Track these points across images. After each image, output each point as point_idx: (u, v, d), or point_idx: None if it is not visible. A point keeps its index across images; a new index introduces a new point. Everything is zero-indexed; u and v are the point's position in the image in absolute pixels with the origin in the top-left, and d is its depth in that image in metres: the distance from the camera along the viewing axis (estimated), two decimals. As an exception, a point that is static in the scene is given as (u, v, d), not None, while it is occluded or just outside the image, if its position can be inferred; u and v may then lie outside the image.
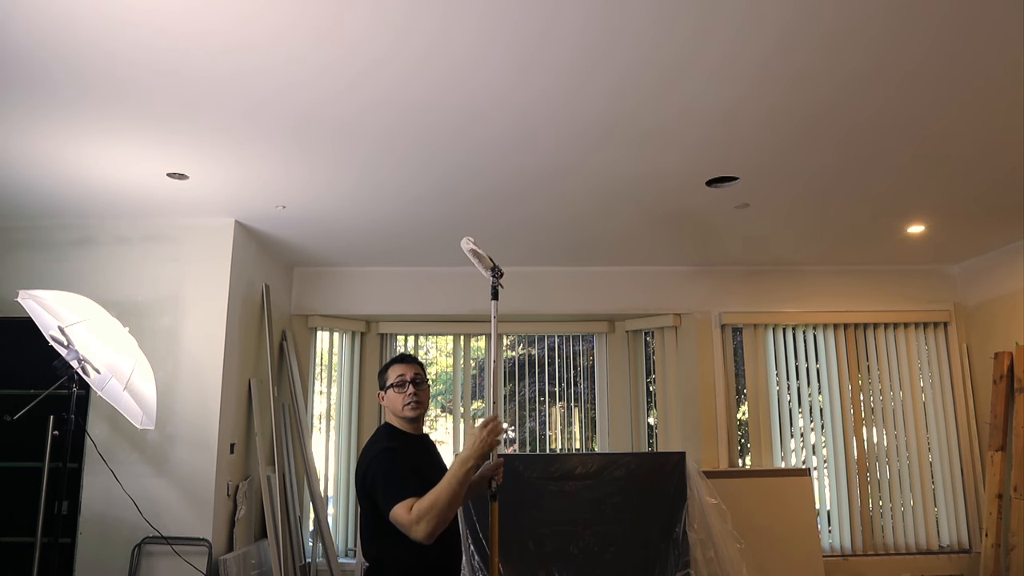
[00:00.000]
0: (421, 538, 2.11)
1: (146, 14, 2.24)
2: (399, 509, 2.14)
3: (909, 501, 5.45)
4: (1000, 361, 5.04)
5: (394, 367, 2.47)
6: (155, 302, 4.27)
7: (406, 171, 3.58)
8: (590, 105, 2.88)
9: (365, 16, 2.27)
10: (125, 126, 3.05)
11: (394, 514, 2.16)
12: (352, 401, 5.61)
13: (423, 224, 4.45)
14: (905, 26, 2.36)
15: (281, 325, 5.21)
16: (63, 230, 4.35)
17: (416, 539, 2.12)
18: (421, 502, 2.13)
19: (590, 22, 2.31)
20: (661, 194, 3.95)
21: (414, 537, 2.12)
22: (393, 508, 2.16)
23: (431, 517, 2.10)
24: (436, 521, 2.11)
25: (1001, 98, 2.87)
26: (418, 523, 2.10)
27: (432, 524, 2.10)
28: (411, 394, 2.40)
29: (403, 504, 2.14)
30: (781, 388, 5.59)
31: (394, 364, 2.48)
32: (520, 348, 6.11)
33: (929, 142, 3.29)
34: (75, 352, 3.26)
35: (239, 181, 3.72)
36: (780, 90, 2.78)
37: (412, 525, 2.11)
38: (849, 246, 5.07)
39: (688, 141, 3.25)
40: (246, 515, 4.45)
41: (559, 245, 4.96)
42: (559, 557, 4.46)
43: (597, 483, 4.61)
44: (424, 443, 2.49)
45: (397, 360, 2.50)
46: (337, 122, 3.02)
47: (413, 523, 2.11)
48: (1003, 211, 4.31)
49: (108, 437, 4.08)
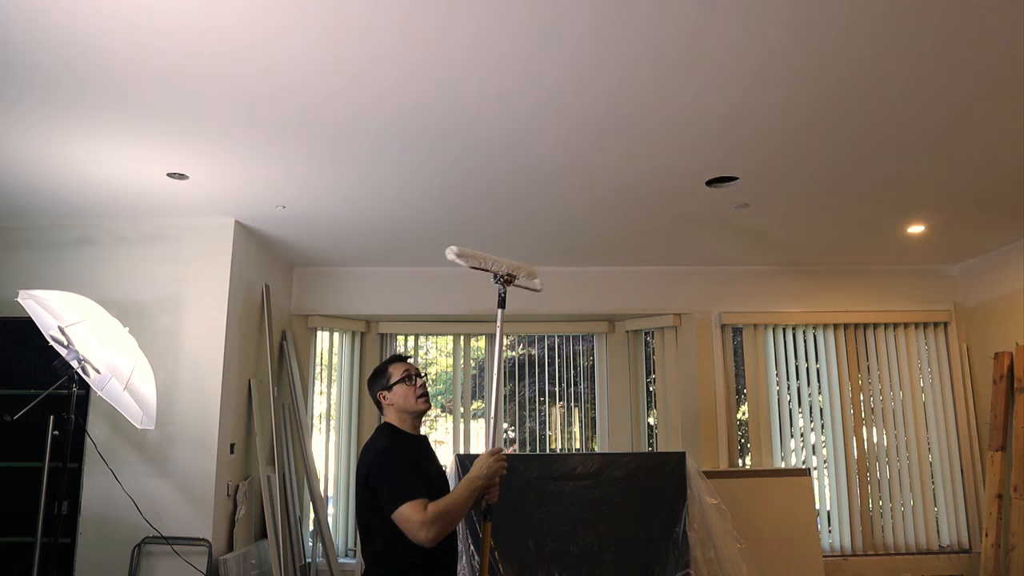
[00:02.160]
0: (425, 541, 2.12)
1: (147, 14, 2.24)
2: (408, 509, 2.14)
3: (909, 501, 5.45)
4: (1000, 361, 5.04)
5: (395, 365, 2.47)
6: (155, 302, 4.27)
7: (406, 170, 3.58)
8: (590, 104, 2.88)
9: (365, 16, 2.27)
10: (125, 126, 3.05)
11: (401, 513, 2.15)
12: (352, 401, 5.61)
13: (423, 224, 4.44)
14: (905, 26, 2.36)
15: (281, 325, 5.21)
16: (63, 230, 4.36)
17: (418, 541, 2.13)
18: (436, 506, 2.15)
19: (591, 21, 2.31)
20: (661, 194, 3.95)
21: (418, 538, 2.13)
22: (400, 507, 2.15)
23: (442, 523, 2.15)
24: (444, 528, 2.16)
25: (1001, 98, 2.87)
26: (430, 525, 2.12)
27: (439, 530, 2.15)
28: (421, 386, 2.42)
29: (414, 504, 2.14)
30: (781, 388, 5.59)
31: (394, 363, 2.48)
32: (520, 348, 6.11)
33: (929, 142, 3.29)
34: (75, 352, 3.26)
35: (239, 181, 3.72)
36: (780, 90, 2.78)
37: (421, 526, 2.12)
38: (849, 246, 5.07)
39: (688, 141, 3.25)
40: (246, 515, 4.45)
41: (559, 245, 4.96)
42: (559, 557, 4.46)
43: (597, 483, 4.61)
44: (423, 444, 2.49)
45: (395, 359, 2.50)
46: (337, 122, 3.02)
47: (425, 524, 2.12)
48: (1003, 211, 4.31)
49: (108, 437, 4.08)
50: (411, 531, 2.14)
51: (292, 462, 4.95)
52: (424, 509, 2.14)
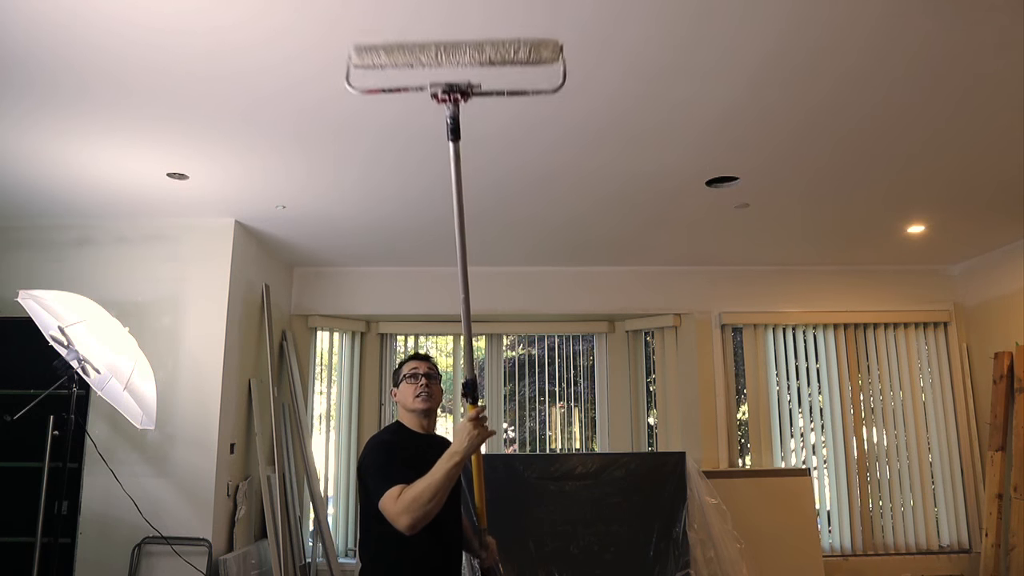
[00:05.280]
0: (404, 528, 2.10)
1: (147, 14, 2.25)
2: (387, 497, 2.13)
3: (909, 501, 5.45)
4: (1000, 361, 5.04)
5: (409, 363, 2.51)
6: (155, 302, 4.27)
7: (406, 170, 3.58)
8: (590, 104, 2.88)
9: (366, 16, 2.27)
10: (125, 126, 3.05)
11: (382, 502, 2.15)
12: (352, 401, 5.61)
13: (423, 224, 4.44)
14: (904, 26, 2.36)
15: (281, 325, 5.21)
16: (63, 230, 4.35)
17: (400, 529, 2.11)
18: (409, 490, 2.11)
19: (592, 22, 2.32)
20: (661, 194, 3.95)
21: (398, 525, 2.11)
22: (382, 497, 2.15)
23: (414, 509, 2.08)
24: (419, 513, 2.08)
25: (1001, 98, 2.87)
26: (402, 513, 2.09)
27: (413, 516, 2.08)
28: (422, 386, 2.43)
29: (391, 492, 2.13)
30: (781, 388, 5.59)
31: (409, 360, 2.52)
32: (520, 348, 6.11)
33: (929, 142, 3.29)
34: (75, 352, 3.26)
35: (239, 181, 3.72)
36: (780, 89, 2.78)
37: (397, 514, 2.10)
38: (849, 246, 5.07)
39: (688, 141, 3.25)
40: (246, 515, 4.45)
41: (559, 245, 4.96)
42: (559, 557, 4.46)
43: (597, 483, 4.61)
44: (431, 443, 2.49)
45: (412, 357, 2.54)
46: (337, 122, 3.02)
47: (398, 512, 2.10)
48: (1003, 211, 4.31)
49: (108, 437, 4.08)
50: (392, 519, 2.12)
51: (292, 462, 4.95)
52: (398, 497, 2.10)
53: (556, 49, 1.75)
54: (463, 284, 2.10)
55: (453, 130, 2.00)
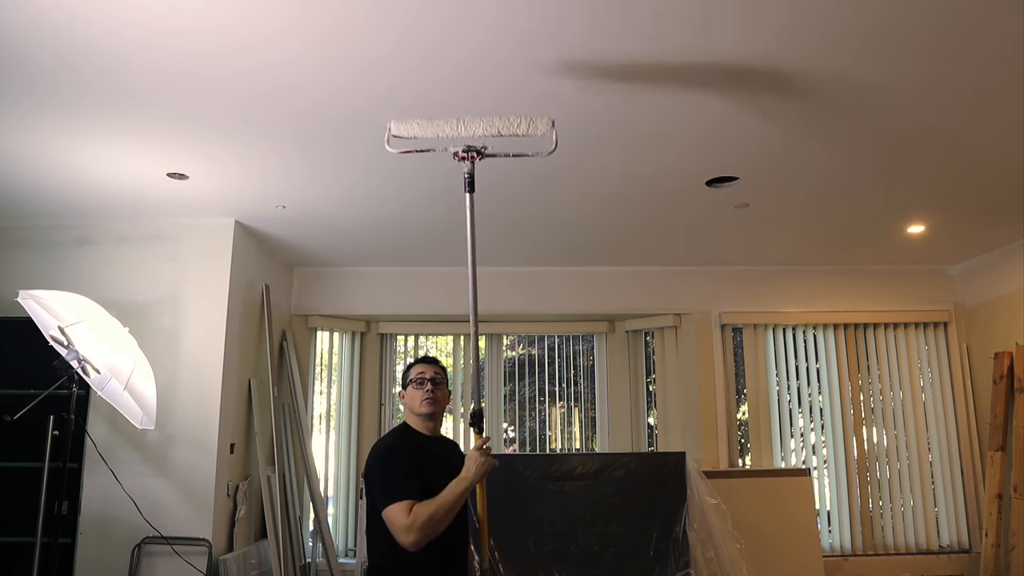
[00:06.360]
0: (408, 545, 2.11)
1: (147, 14, 2.24)
2: (395, 509, 2.14)
3: (909, 501, 5.45)
4: (1000, 361, 5.04)
5: (416, 366, 2.54)
6: (155, 302, 4.27)
7: (406, 170, 3.58)
8: (590, 104, 2.88)
9: (367, 16, 2.27)
10: (125, 126, 3.05)
11: (389, 513, 2.15)
12: (352, 401, 5.61)
13: (423, 224, 4.44)
14: (904, 25, 2.36)
15: (281, 325, 5.21)
16: (63, 230, 4.35)
17: (403, 544, 2.12)
18: (421, 510, 2.12)
19: (594, 23, 2.31)
20: (661, 194, 3.95)
21: (402, 542, 2.12)
22: (389, 507, 2.15)
23: (427, 528, 2.11)
24: (428, 533, 2.12)
25: (1001, 97, 2.87)
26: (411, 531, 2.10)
27: (424, 534, 2.11)
28: (428, 391, 2.45)
29: (401, 505, 2.13)
30: (781, 388, 5.59)
31: (417, 363, 2.55)
32: (520, 348, 6.11)
33: (929, 142, 3.29)
34: (75, 352, 3.26)
35: (239, 181, 3.72)
36: (779, 89, 2.77)
37: (406, 530, 2.10)
38: (849, 246, 5.07)
39: (687, 141, 3.25)
40: (246, 515, 4.45)
41: (559, 245, 4.96)
42: (559, 557, 4.46)
43: (597, 483, 4.61)
44: (438, 445, 2.50)
45: (420, 360, 2.57)
46: (337, 122, 3.02)
47: (408, 528, 2.10)
48: (1003, 211, 4.31)
49: (108, 437, 4.08)
50: (396, 534, 2.14)
51: (292, 462, 4.95)
52: (409, 512, 2.12)
53: (549, 123, 2.23)
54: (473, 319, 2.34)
55: (470, 184, 2.33)
